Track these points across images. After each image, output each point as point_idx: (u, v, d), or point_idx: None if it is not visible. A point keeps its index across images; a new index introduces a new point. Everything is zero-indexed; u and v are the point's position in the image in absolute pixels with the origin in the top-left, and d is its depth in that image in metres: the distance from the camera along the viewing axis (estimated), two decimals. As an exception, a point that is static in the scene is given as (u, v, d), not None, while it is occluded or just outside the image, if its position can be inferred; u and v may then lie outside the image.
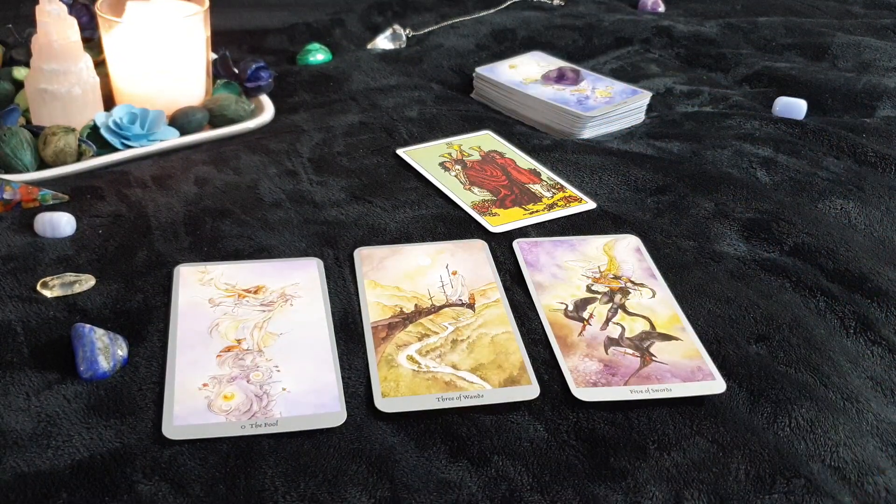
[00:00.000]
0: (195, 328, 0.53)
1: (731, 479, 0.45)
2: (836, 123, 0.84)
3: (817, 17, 1.15)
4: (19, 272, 0.57)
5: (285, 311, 0.55)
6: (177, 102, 0.77)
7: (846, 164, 0.77)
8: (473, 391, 0.49)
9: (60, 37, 0.69)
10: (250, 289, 0.57)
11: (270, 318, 0.54)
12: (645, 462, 0.46)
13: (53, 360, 0.50)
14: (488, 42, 1.01)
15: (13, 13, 0.92)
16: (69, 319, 0.53)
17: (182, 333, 0.52)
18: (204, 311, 0.54)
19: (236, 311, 0.55)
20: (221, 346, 0.52)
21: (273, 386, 0.49)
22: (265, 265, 0.59)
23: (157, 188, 0.68)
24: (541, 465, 0.45)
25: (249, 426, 0.46)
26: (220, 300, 0.55)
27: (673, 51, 1.01)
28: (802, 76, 0.93)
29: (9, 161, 0.67)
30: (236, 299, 0.56)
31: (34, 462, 0.43)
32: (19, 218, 0.63)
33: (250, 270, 0.58)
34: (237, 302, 0.55)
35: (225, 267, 0.59)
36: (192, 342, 0.52)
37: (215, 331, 0.53)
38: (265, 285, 0.57)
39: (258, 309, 0.55)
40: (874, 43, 1.02)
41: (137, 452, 0.44)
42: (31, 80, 0.71)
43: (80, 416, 0.46)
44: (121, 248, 0.61)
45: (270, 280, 0.58)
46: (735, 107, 0.88)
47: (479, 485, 0.44)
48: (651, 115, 0.85)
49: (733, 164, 0.76)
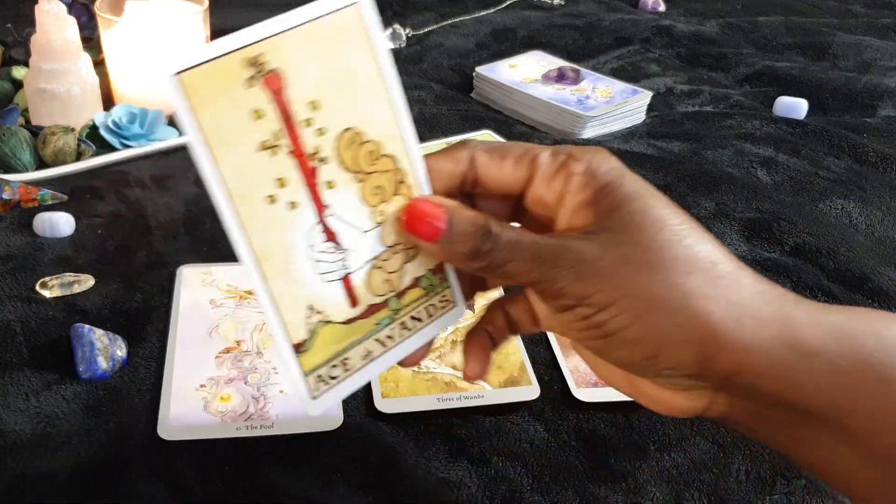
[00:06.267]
0: (195, 329, 0.53)
1: (732, 479, 0.45)
2: (837, 123, 0.83)
3: (818, 16, 1.15)
4: (18, 272, 0.57)
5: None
6: (176, 102, 0.76)
7: (847, 164, 0.77)
8: (473, 392, 0.49)
9: (59, 36, 0.69)
10: (251, 290, 0.57)
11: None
12: (645, 463, 0.46)
13: (52, 360, 0.50)
14: (488, 41, 1.01)
15: (12, 12, 0.92)
16: (68, 320, 0.53)
17: (182, 334, 0.52)
18: (205, 313, 0.54)
19: (237, 312, 0.54)
20: (221, 347, 0.52)
21: (270, 388, 0.49)
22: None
23: (157, 188, 0.68)
24: (541, 466, 0.45)
25: (245, 428, 0.46)
26: (222, 301, 0.55)
27: (673, 50, 1.01)
28: (803, 76, 0.93)
29: (8, 161, 0.67)
30: (238, 301, 0.55)
31: (33, 463, 0.43)
32: (18, 218, 0.63)
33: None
34: (238, 303, 0.55)
35: (228, 268, 0.59)
36: (191, 343, 0.52)
37: (215, 332, 0.53)
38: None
39: (259, 311, 0.55)
40: (875, 42, 1.02)
41: (136, 453, 0.44)
42: (31, 79, 0.71)
43: (79, 417, 0.46)
44: (120, 249, 0.60)
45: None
46: (736, 106, 0.88)
47: (479, 485, 0.44)
48: (651, 115, 0.85)
49: (734, 163, 0.75)
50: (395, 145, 0.32)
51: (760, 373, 0.29)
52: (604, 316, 0.30)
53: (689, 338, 0.29)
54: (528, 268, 0.30)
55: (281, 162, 0.29)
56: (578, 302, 0.30)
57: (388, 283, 0.33)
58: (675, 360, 0.29)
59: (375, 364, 0.33)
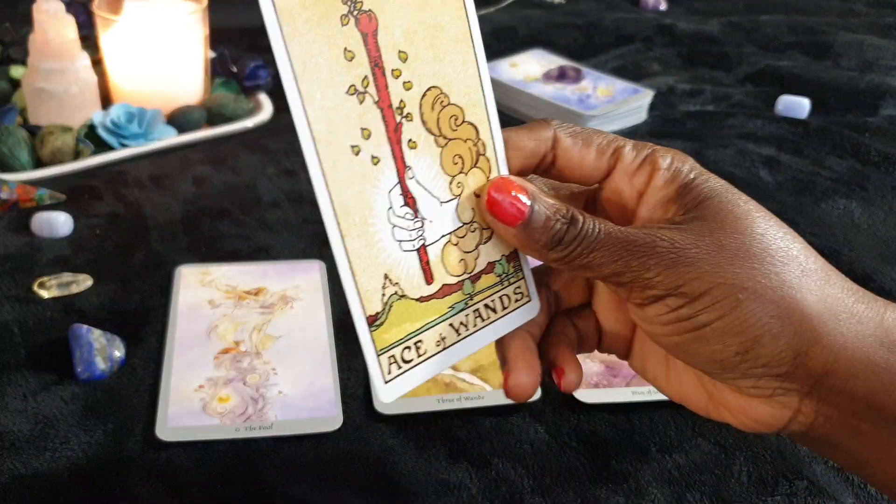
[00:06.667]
0: (193, 329, 0.52)
1: (734, 481, 0.45)
2: (839, 122, 0.83)
3: (820, 15, 1.15)
4: (16, 272, 0.57)
5: (285, 314, 0.54)
6: (175, 101, 0.76)
7: (849, 164, 0.76)
8: (474, 393, 0.49)
9: (58, 35, 0.69)
10: (251, 291, 0.56)
11: (270, 321, 0.54)
12: (647, 464, 0.45)
13: (50, 361, 0.50)
14: (489, 40, 1.01)
15: (11, 11, 0.91)
16: (66, 320, 0.52)
17: (180, 334, 0.52)
18: (203, 313, 0.54)
19: (236, 312, 0.54)
20: (219, 347, 0.51)
21: (269, 389, 0.48)
22: (267, 267, 0.59)
23: (155, 188, 0.68)
24: (542, 468, 0.45)
25: (244, 429, 0.46)
26: (220, 302, 0.55)
27: (675, 49, 1.01)
28: (805, 75, 0.92)
29: (6, 160, 0.67)
30: (236, 301, 0.55)
31: (31, 464, 0.43)
32: (16, 218, 0.63)
33: (252, 272, 0.58)
34: (237, 304, 0.55)
35: (226, 268, 0.58)
36: (189, 343, 0.51)
37: (214, 332, 0.52)
38: (266, 287, 0.57)
39: (258, 311, 0.54)
40: (877, 42, 1.02)
41: (135, 454, 0.44)
42: (29, 78, 0.71)
43: (77, 418, 0.46)
44: (118, 249, 0.60)
45: (272, 282, 0.57)
46: (737, 106, 0.87)
47: (480, 487, 0.44)
48: (653, 114, 0.85)
49: (736, 163, 0.75)
50: (478, 113, 0.30)
51: (854, 372, 0.28)
52: (696, 306, 0.28)
53: (786, 329, 0.28)
54: (612, 258, 0.29)
55: (367, 111, 0.27)
56: (669, 292, 0.29)
57: (463, 264, 0.31)
58: (770, 353, 0.28)
59: (449, 353, 0.31)
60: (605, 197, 0.33)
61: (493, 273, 0.32)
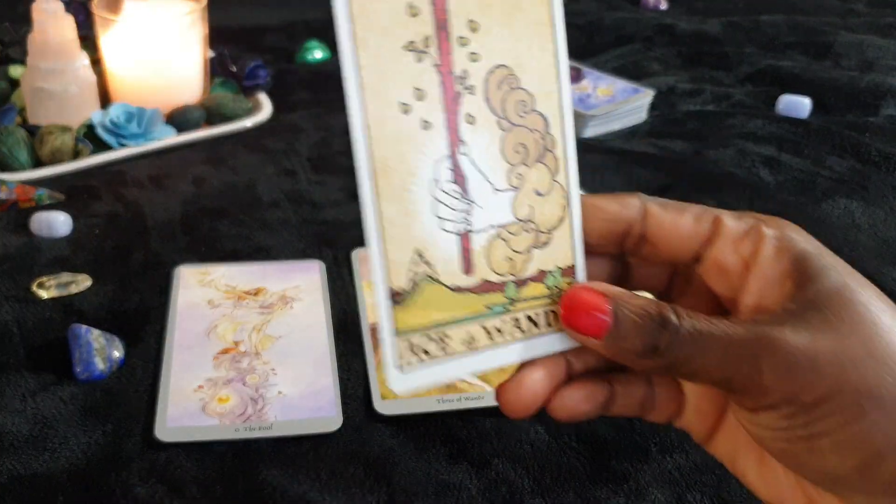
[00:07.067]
0: (193, 330, 0.52)
1: (734, 481, 0.44)
2: (840, 122, 0.83)
3: (820, 15, 1.15)
4: (15, 272, 0.57)
5: (285, 314, 0.54)
6: (174, 101, 0.76)
7: (850, 164, 0.76)
8: (474, 393, 0.49)
9: (57, 35, 0.69)
10: (250, 291, 0.56)
11: (269, 321, 0.54)
12: (647, 465, 0.45)
13: (49, 361, 0.49)
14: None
15: (10, 11, 0.91)
16: (65, 320, 0.52)
17: (179, 335, 0.52)
18: (203, 313, 0.54)
19: (235, 313, 0.54)
20: (219, 348, 0.51)
21: (269, 389, 0.48)
22: (267, 267, 0.59)
23: (154, 188, 0.68)
24: (542, 468, 0.45)
25: (243, 429, 0.45)
26: (220, 302, 0.55)
27: (675, 49, 1.01)
28: (805, 75, 0.92)
29: (5, 160, 0.67)
30: (236, 301, 0.55)
31: (30, 465, 0.43)
32: (15, 217, 0.63)
33: (251, 272, 0.58)
34: (237, 304, 0.55)
35: (226, 268, 0.58)
36: (189, 344, 0.51)
37: (213, 333, 0.52)
38: (265, 287, 0.56)
39: (257, 311, 0.54)
40: (877, 41, 1.02)
41: (134, 454, 0.44)
42: (28, 78, 0.71)
43: (76, 418, 0.46)
44: (117, 249, 0.60)
45: (271, 282, 0.57)
46: (738, 105, 0.87)
47: (480, 488, 0.43)
48: (653, 114, 0.85)
49: (736, 163, 0.75)
50: (550, 105, 0.28)
51: None
52: (813, 414, 0.25)
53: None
54: (718, 364, 0.25)
55: (424, 71, 0.26)
56: (784, 400, 0.25)
57: (510, 263, 0.28)
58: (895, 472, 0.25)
59: (475, 358, 0.28)
60: (704, 270, 0.29)
61: (544, 283, 0.29)
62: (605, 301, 0.26)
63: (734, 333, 0.25)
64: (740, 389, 0.26)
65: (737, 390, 0.26)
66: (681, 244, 0.28)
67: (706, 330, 0.25)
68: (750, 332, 0.25)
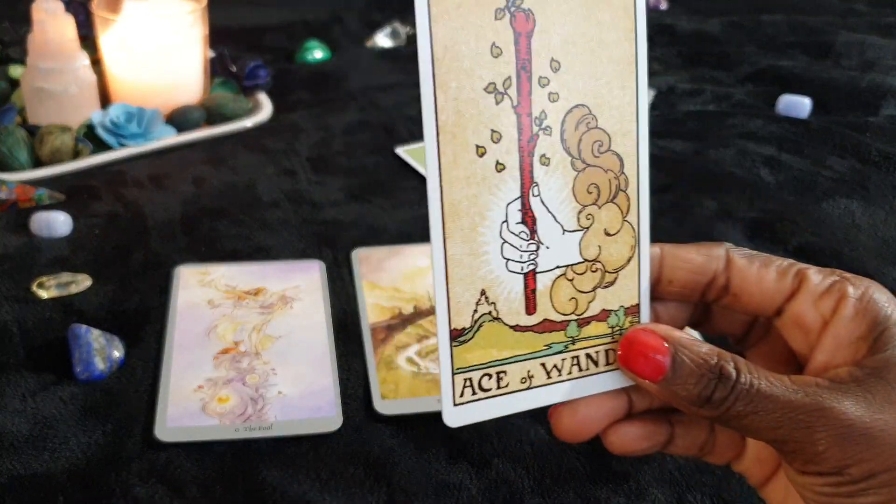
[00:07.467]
0: (193, 330, 0.52)
1: (735, 481, 0.44)
2: (840, 122, 0.83)
3: (821, 15, 1.15)
4: (15, 272, 0.57)
5: (285, 314, 0.54)
6: (174, 101, 0.76)
7: (850, 164, 0.76)
8: (474, 393, 0.49)
9: (57, 35, 0.69)
10: (250, 291, 0.56)
11: (269, 321, 0.54)
12: (647, 465, 0.45)
13: (49, 361, 0.49)
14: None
15: (10, 11, 0.91)
16: (65, 320, 0.52)
17: (179, 335, 0.52)
18: (202, 313, 0.54)
19: (235, 313, 0.54)
20: (218, 348, 0.51)
21: (269, 389, 0.48)
22: (267, 267, 0.59)
23: (154, 188, 0.68)
24: (542, 468, 0.45)
25: (243, 429, 0.45)
26: (220, 302, 0.55)
27: (675, 49, 1.01)
28: (806, 74, 0.92)
29: (5, 160, 0.67)
30: (236, 301, 0.55)
31: (30, 465, 0.43)
32: (15, 217, 0.63)
33: (251, 272, 0.58)
34: (237, 304, 0.55)
35: (226, 268, 0.58)
36: (188, 344, 0.51)
37: (213, 333, 0.52)
38: (265, 287, 0.56)
39: (257, 311, 0.54)
40: (878, 41, 1.02)
41: (134, 454, 0.44)
42: (28, 78, 0.71)
43: (76, 418, 0.46)
44: (117, 249, 0.60)
45: (271, 282, 0.57)
46: (738, 105, 0.87)
47: (480, 488, 0.43)
48: (653, 114, 0.85)
49: (736, 163, 0.75)
50: (627, 144, 0.28)
51: None
52: (861, 486, 0.25)
53: None
54: (773, 423, 0.25)
55: (502, 113, 0.26)
56: (832, 471, 0.25)
57: (574, 303, 0.28)
58: None
59: (531, 395, 0.28)
60: (783, 323, 0.29)
61: (606, 322, 0.29)
62: (665, 344, 0.26)
63: (792, 397, 0.25)
64: (791, 452, 0.26)
65: (788, 452, 0.26)
66: (763, 299, 0.28)
67: (764, 389, 0.25)
68: (808, 398, 0.25)
